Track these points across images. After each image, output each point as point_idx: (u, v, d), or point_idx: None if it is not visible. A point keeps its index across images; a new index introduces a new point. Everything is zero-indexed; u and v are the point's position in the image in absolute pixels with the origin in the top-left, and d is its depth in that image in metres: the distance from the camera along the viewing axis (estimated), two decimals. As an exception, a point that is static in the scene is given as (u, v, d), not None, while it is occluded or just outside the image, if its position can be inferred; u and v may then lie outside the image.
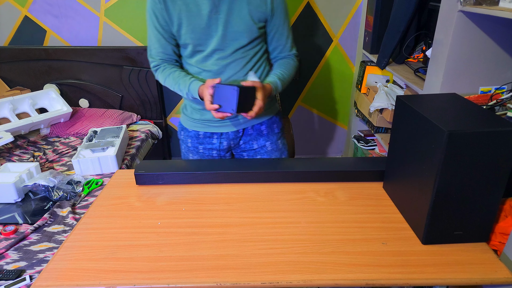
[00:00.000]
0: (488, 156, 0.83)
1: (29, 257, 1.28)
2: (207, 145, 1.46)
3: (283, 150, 1.53)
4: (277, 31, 1.32)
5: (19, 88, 2.55)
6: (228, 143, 1.46)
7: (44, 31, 2.56)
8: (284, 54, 1.39)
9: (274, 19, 1.28)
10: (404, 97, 1.03)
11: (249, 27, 1.25)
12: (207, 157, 1.49)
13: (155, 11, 1.23)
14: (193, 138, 1.47)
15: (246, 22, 1.24)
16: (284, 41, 1.36)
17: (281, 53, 1.39)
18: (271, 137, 1.48)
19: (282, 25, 1.32)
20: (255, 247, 0.96)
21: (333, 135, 2.92)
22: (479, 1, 1.14)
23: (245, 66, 1.32)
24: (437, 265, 0.89)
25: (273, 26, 1.30)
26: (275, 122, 1.48)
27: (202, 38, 1.26)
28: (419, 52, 1.92)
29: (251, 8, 1.23)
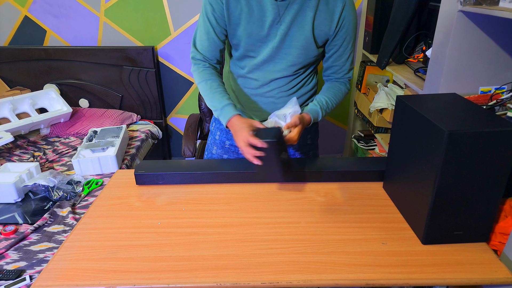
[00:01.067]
0: (488, 156, 0.83)
1: (29, 257, 1.28)
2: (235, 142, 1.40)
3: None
4: (337, 51, 1.22)
5: (19, 88, 2.55)
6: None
7: (44, 31, 2.56)
8: (339, 76, 1.29)
9: (337, 38, 1.18)
10: (404, 97, 1.03)
11: (308, 43, 1.16)
12: (232, 153, 1.43)
13: (213, 2, 1.13)
14: (222, 132, 1.43)
15: (307, 38, 1.15)
16: (342, 63, 1.25)
17: (336, 73, 1.29)
18: (302, 148, 1.43)
19: (346, 46, 1.21)
20: (255, 247, 0.96)
21: (333, 135, 2.91)
22: (479, 1, 1.14)
23: (291, 82, 1.26)
24: (437, 265, 0.89)
25: (334, 45, 1.20)
26: (309, 133, 1.43)
27: (256, 45, 1.18)
28: (419, 52, 1.92)
29: (316, 24, 1.14)
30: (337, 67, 1.27)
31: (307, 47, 1.17)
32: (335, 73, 1.29)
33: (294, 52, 1.18)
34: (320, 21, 1.14)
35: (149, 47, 2.48)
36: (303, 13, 1.12)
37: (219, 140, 1.45)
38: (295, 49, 1.17)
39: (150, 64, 2.52)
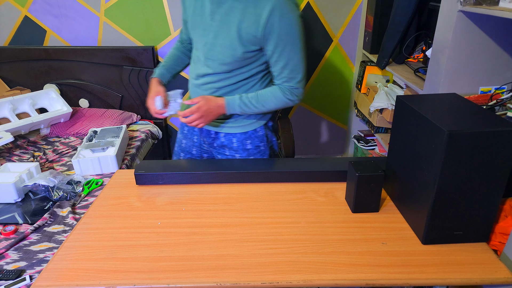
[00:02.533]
0: (488, 156, 0.83)
1: (29, 257, 1.28)
2: (190, 129, 1.51)
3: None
4: (271, 57, 1.21)
5: (19, 88, 2.55)
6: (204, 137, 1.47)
7: (44, 31, 2.56)
8: (278, 82, 1.27)
9: (268, 44, 1.17)
10: (404, 97, 1.03)
11: (234, 44, 1.17)
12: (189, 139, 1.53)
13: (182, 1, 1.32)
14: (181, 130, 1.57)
15: (232, 38, 1.17)
16: (278, 70, 1.23)
17: (276, 79, 1.28)
18: (241, 152, 1.42)
19: (279, 53, 1.18)
20: (255, 247, 0.96)
21: (333, 135, 2.91)
22: (479, 1, 1.14)
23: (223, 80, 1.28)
24: (437, 265, 0.89)
25: (267, 50, 1.20)
26: (250, 138, 1.40)
27: (197, 40, 1.27)
28: (419, 52, 1.92)
29: (242, 27, 1.15)
30: (274, 73, 1.26)
31: (233, 48, 1.18)
32: (275, 78, 1.28)
33: (223, 51, 1.21)
34: (247, 24, 1.14)
35: (149, 47, 2.48)
36: (231, 13, 1.15)
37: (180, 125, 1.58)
38: (223, 48, 1.20)
39: (150, 64, 2.52)
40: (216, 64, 1.24)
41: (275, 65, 1.23)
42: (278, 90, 1.26)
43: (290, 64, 1.21)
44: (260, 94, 1.27)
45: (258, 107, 1.28)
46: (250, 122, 1.38)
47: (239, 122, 1.37)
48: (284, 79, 1.24)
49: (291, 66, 1.21)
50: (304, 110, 2.80)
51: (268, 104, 1.27)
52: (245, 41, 1.17)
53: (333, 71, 2.65)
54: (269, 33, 1.14)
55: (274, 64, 1.23)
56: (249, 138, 1.40)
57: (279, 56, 1.19)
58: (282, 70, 1.22)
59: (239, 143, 1.40)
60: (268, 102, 1.27)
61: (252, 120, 1.38)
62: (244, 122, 1.37)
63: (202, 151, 1.52)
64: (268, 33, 1.14)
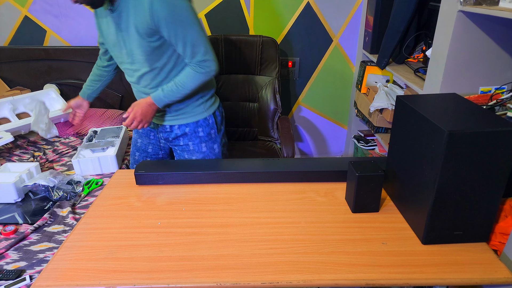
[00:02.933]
0: (488, 156, 0.83)
1: (29, 257, 1.28)
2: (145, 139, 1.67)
3: (207, 154, 1.60)
4: (171, 41, 1.30)
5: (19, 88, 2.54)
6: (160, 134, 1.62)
7: (44, 31, 2.56)
8: (187, 61, 1.36)
9: (162, 31, 1.27)
10: (404, 97, 1.03)
11: (139, 42, 1.30)
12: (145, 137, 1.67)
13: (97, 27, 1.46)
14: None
15: (136, 38, 1.29)
16: (182, 51, 1.32)
17: (187, 60, 1.36)
18: (194, 139, 1.57)
19: (175, 35, 1.27)
20: (255, 247, 0.96)
21: (333, 135, 2.91)
22: (479, 1, 1.14)
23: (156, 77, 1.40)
24: (437, 265, 0.89)
25: (165, 36, 1.29)
26: (201, 126, 1.55)
27: (116, 53, 1.42)
28: (419, 52, 1.92)
29: (136, 25, 1.27)
30: (181, 54, 1.35)
31: (142, 44, 1.30)
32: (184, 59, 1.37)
33: (137, 52, 1.33)
34: (139, 20, 1.26)
35: (149, 47, 2.48)
36: (127, 17, 1.28)
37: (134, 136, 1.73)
38: (136, 49, 1.33)
39: (150, 64, 2.52)
40: (140, 65, 1.37)
41: (177, 47, 1.32)
42: (189, 69, 1.36)
43: (189, 41, 1.29)
44: (177, 79, 1.38)
45: (180, 90, 1.37)
46: (200, 112, 1.53)
47: (189, 113, 1.52)
48: (190, 57, 1.33)
49: (190, 43, 1.30)
50: (304, 110, 2.80)
51: (187, 84, 1.36)
52: (144, 35, 1.28)
53: (333, 71, 2.65)
54: (158, 20, 1.23)
55: (176, 46, 1.32)
56: (201, 126, 1.55)
57: (176, 38, 1.28)
58: (185, 49, 1.31)
59: (192, 131, 1.55)
60: (186, 83, 1.36)
61: (201, 110, 1.53)
62: (194, 113, 1.52)
63: (158, 148, 1.68)
64: (157, 21, 1.23)
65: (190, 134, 1.56)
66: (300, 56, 2.57)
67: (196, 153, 1.60)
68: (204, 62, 1.34)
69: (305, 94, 2.73)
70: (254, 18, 2.42)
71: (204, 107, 1.54)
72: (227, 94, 2.31)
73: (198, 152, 1.60)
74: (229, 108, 2.32)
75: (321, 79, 2.68)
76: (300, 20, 2.46)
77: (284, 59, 2.54)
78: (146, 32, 1.27)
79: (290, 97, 2.75)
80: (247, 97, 2.31)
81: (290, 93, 2.73)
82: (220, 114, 1.62)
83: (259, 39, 2.20)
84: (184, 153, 1.62)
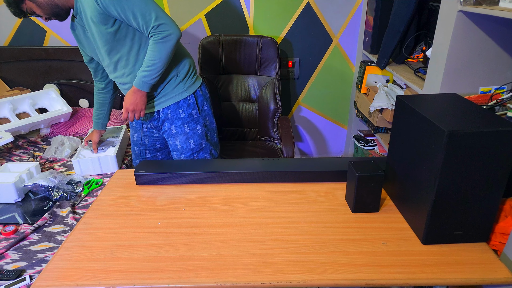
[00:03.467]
0: (488, 156, 0.83)
1: (29, 257, 1.28)
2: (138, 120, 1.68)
3: (190, 135, 1.61)
4: (123, 19, 1.33)
5: (19, 88, 2.54)
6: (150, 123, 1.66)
7: (44, 31, 2.56)
8: (147, 32, 1.37)
9: (111, 12, 1.30)
10: (404, 97, 1.03)
11: (98, 32, 1.36)
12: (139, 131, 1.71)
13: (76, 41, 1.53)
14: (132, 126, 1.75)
15: (95, 29, 1.36)
16: (135, 24, 1.34)
17: (145, 33, 1.37)
18: (176, 121, 1.58)
19: (122, 11, 1.30)
20: (255, 247, 0.96)
21: (333, 135, 2.91)
22: (479, 1, 1.14)
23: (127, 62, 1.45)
24: (437, 265, 0.89)
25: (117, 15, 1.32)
26: (182, 107, 1.56)
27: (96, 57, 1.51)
28: (419, 52, 1.92)
29: (91, 17, 1.33)
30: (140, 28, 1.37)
31: (102, 33, 1.36)
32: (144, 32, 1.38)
33: (100, 42, 1.39)
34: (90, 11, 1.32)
35: (149, 47, 2.48)
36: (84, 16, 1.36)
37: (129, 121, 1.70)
38: (101, 42, 1.39)
39: (150, 64, 2.52)
40: (109, 56, 1.43)
41: (130, 22, 1.34)
42: (151, 41, 1.37)
43: (137, 12, 1.31)
44: (146, 57, 1.40)
45: (152, 66, 1.38)
46: (179, 93, 1.54)
47: (170, 94, 1.53)
48: (144, 27, 1.34)
49: (140, 13, 1.31)
50: (304, 110, 2.80)
51: (155, 56, 1.37)
52: (99, 23, 1.33)
53: (333, 71, 2.65)
54: (102, 3, 1.28)
55: (129, 22, 1.34)
56: (181, 107, 1.57)
57: (125, 13, 1.31)
58: (137, 21, 1.33)
59: (173, 113, 1.57)
60: (154, 56, 1.37)
61: (180, 90, 1.54)
62: (174, 93, 1.54)
63: (154, 139, 1.71)
64: (103, 4, 1.28)
65: (171, 116, 1.57)
66: (300, 56, 2.57)
67: (180, 135, 1.60)
68: (159, 26, 1.34)
69: (305, 94, 2.73)
70: (254, 18, 2.42)
71: (183, 86, 1.55)
72: (227, 94, 2.31)
73: (181, 134, 1.60)
74: (229, 108, 2.32)
75: (321, 79, 2.68)
76: (300, 20, 2.46)
77: (284, 59, 2.54)
78: (99, 19, 1.32)
79: (290, 97, 2.75)
80: (247, 97, 2.31)
81: (290, 93, 2.73)
82: (202, 94, 1.61)
83: (259, 39, 2.20)
84: (170, 139, 1.63)
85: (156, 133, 1.70)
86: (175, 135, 1.61)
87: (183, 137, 1.61)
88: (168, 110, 1.57)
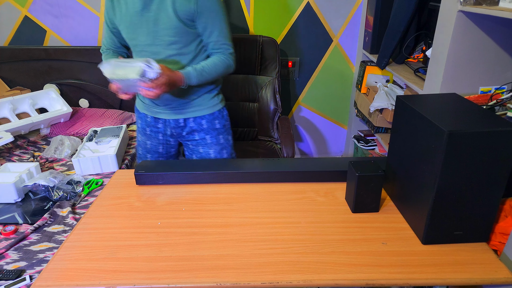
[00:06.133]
0: (488, 156, 0.83)
1: (29, 257, 1.28)
2: (153, 128, 1.62)
3: (225, 145, 1.63)
4: (207, 28, 1.37)
5: (19, 88, 2.54)
6: (171, 131, 1.61)
7: (44, 31, 2.56)
8: (216, 50, 1.43)
9: (201, 15, 1.33)
10: (404, 97, 1.03)
11: (174, 24, 1.33)
12: (154, 139, 1.64)
13: (106, 6, 1.42)
14: (142, 120, 1.65)
15: (172, 19, 1.32)
16: (215, 38, 1.40)
17: (213, 49, 1.44)
18: (211, 132, 1.59)
19: (212, 22, 1.36)
20: (255, 247, 0.96)
21: (333, 135, 2.91)
22: (479, 1, 1.14)
23: (180, 60, 1.42)
24: (437, 265, 0.89)
25: (201, 22, 1.35)
26: (217, 118, 1.59)
27: (135, 33, 1.39)
28: (419, 52, 1.92)
29: (176, 7, 1.31)
30: (212, 43, 1.42)
31: (176, 27, 1.34)
32: (213, 48, 1.44)
33: (167, 33, 1.35)
34: (179, 4, 1.31)
35: (149, 47, 2.48)
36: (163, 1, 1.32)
37: (141, 128, 1.67)
38: (166, 30, 1.35)
39: (150, 64, 2.52)
40: (163, 48, 1.38)
41: (211, 35, 1.40)
42: (221, 56, 1.43)
43: (223, 33, 1.40)
44: (208, 62, 1.42)
45: (209, 74, 1.41)
46: (215, 104, 1.56)
47: (204, 105, 1.54)
48: (221, 44, 1.42)
49: (224, 34, 1.41)
50: (304, 110, 2.80)
51: (217, 69, 1.42)
52: (183, 18, 1.33)
53: (333, 71, 2.65)
54: (202, 9, 1.32)
55: (210, 34, 1.39)
56: (217, 118, 1.58)
57: (213, 25, 1.37)
58: (218, 38, 1.40)
59: (209, 123, 1.57)
60: (216, 69, 1.42)
61: (215, 102, 1.56)
62: (209, 104, 1.55)
63: (169, 146, 1.67)
64: (201, 10, 1.32)
65: (207, 127, 1.57)
66: (300, 56, 2.57)
67: (214, 145, 1.61)
68: (232, 55, 1.45)
69: (305, 94, 2.73)
70: (254, 18, 2.42)
71: (217, 99, 1.58)
72: (227, 94, 2.30)
73: (216, 145, 1.61)
74: (229, 108, 2.31)
75: (321, 79, 2.68)
76: (300, 20, 2.46)
77: (284, 59, 2.55)
78: (185, 16, 1.32)
79: (290, 97, 2.75)
80: (247, 97, 2.31)
81: (290, 93, 2.73)
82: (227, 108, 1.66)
83: (259, 39, 2.20)
84: (199, 147, 1.62)
85: (173, 141, 1.67)
86: (209, 145, 1.61)
87: (218, 147, 1.62)
88: (203, 120, 1.56)
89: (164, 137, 1.64)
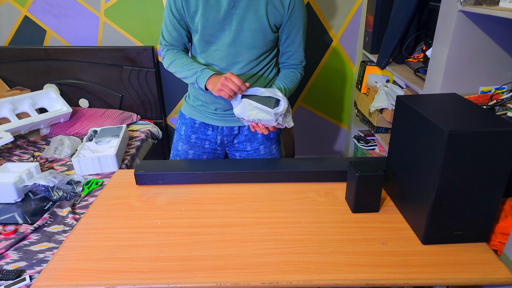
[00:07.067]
0: (488, 156, 0.83)
1: (29, 257, 1.28)
2: (201, 135, 1.46)
3: (276, 155, 1.55)
4: (289, 36, 1.31)
5: (19, 88, 2.54)
6: (222, 138, 1.46)
7: (44, 31, 2.56)
8: (293, 62, 1.38)
9: (289, 24, 1.28)
10: (404, 97, 1.03)
11: (263, 27, 1.24)
12: (198, 147, 1.48)
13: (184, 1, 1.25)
14: (187, 126, 1.48)
15: (262, 21, 1.23)
16: (295, 48, 1.35)
17: (290, 59, 1.38)
18: (266, 142, 1.48)
19: (297, 31, 1.31)
20: (255, 247, 0.96)
21: (333, 135, 2.91)
22: (479, 1, 1.14)
23: (254, 67, 1.32)
24: (437, 265, 0.89)
25: (287, 30, 1.29)
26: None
27: (214, 29, 1.25)
28: (419, 52, 1.92)
29: (269, 8, 1.23)
30: (290, 52, 1.36)
31: (263, 30, 1.25)
32: (289, 58, 1.38)
33: (252, 36, 1.25)
34: (273, 6, 1.23)
35: (149, 47, 2.48)
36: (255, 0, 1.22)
37: (185, 135, 1.49)
38: (253, 32, 1.25)
39: (150, 64, 2.51)
40: (243, 51, 1.27)
41: (292, 44, 1.34)
42: (296, 72, 1.39)
43: (303, 43, 1.35)
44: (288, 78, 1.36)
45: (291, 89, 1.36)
46: None
47: None
48: (298, 56, 1.37)
49: (303, 44, 1.36)
50: (304, 110, 2.80)
51: (294, 85, 1.37)
52: (272, 23, 1.26)
53: (333, 71, 2.65)
54: (292, 13, 1.26)
55: (291, 43, 1.33)
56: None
57: (297, 35, 1.32)
58: (298, 48, 1.35)
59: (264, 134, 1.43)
60: (294, 84, 1.37)
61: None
62: None
63: (214, 156, 1.52)
64: (292, 13, 1.26)
65: (261, 136, 1.47)
66: (300, 56, 2.57)
67: (267, 156, 1.52)
68: (303, 68, 1.42)
69: (305, 94, 2.73)
70: (254, 18, 2.42)
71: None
72: (227, 94, 2.30)
73: (268, 155, 1.52)
74: (229, 108, 2.31)
75: (321, 79, 2.68)
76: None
77: (284, 59, 2.54)
78: (275, 21, 1.26)
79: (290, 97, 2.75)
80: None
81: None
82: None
83: (259, 39, 2.20)
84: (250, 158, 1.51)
85: (220, 150, 1.51)
86: (263, 155, 1.51)
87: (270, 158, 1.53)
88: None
89: (211, 145, 1.48)
